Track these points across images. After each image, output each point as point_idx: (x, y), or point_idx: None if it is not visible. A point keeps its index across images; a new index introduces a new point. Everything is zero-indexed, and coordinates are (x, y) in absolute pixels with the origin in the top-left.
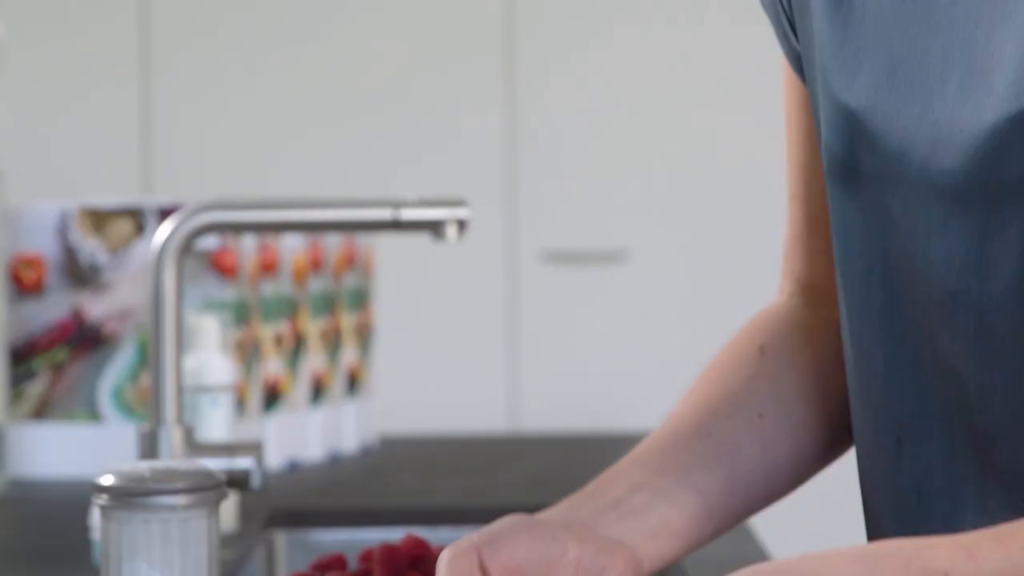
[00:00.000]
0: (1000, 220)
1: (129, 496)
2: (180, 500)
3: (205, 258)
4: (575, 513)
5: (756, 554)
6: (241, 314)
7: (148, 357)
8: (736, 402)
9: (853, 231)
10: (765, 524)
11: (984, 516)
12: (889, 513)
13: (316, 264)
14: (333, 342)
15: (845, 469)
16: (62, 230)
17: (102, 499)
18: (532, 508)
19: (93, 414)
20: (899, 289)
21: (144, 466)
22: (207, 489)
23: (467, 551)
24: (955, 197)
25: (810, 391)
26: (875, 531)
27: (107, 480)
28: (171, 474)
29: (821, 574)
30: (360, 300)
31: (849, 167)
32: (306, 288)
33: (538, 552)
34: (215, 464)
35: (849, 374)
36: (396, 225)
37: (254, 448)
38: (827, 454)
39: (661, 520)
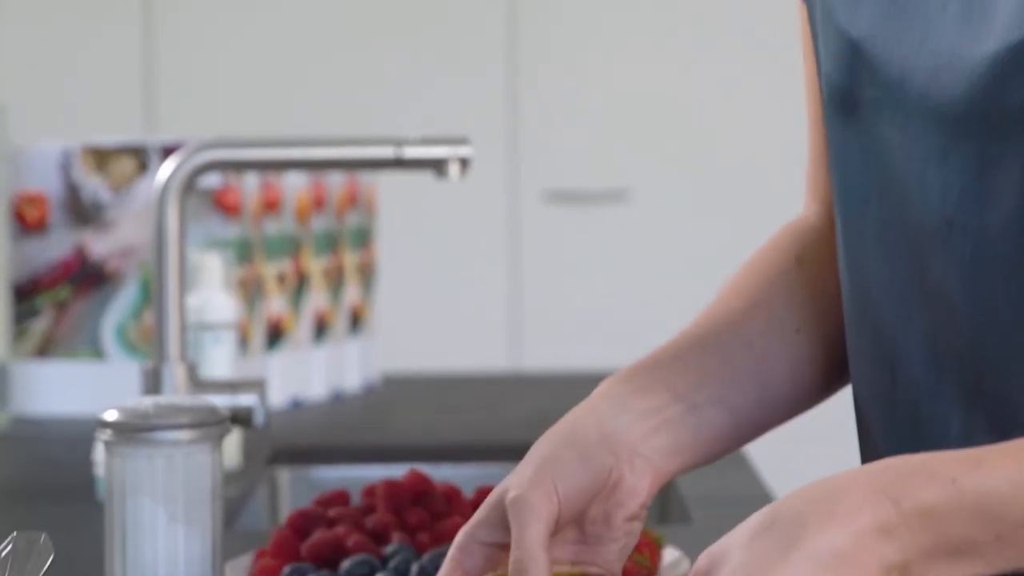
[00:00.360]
0: (1001, 149)
1: (133, 431)
2: (184, 435)
3: (208, 196)
4: (615, 420)
5: (756, 490)
6: (244, 252)
7: (151, 295)
8: (775, 313)
9: (851, 160)
10: (761, 456)
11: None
12: (886, 442)
13: (319, 202)
14: (336, 280)
15: (837, 402)
16: (65, 168)
17: (106, 434)
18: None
19: (97, 352)
20: (895, 218)
21: (148, 402)
22: (211, 424)
23: (547, 496)
24: (955, 125)
25: (839, 309)
26: (871, 460)
27: (111, 416)
28: (175, 409)
29: (844, 489)
30: (363, 238)
31: (849, 97)
32: (309, 226)
33: (592, 484)
34: (218, 401)
35: (844, 302)
36: (399, 163)
37: (257, 385)
38: (840, 379)
39: (690, 437)
